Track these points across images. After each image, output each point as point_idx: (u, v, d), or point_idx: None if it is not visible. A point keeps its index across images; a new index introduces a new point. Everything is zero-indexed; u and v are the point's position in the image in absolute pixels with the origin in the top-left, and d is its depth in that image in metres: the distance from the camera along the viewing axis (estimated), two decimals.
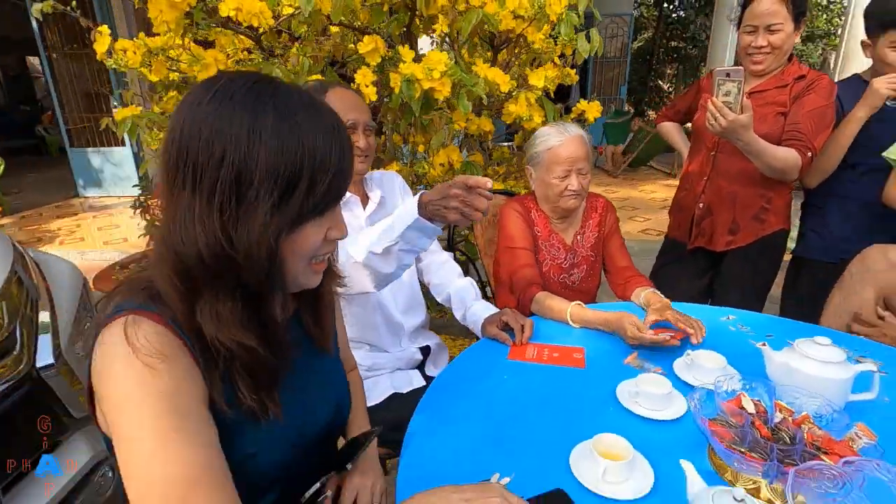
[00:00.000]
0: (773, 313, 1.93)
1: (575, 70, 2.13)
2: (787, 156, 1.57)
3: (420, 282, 1.54)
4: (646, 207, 5.68)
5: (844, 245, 1.71)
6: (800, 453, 0.79)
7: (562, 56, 2.05)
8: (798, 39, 1.69)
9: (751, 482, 0.81)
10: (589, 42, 1.77)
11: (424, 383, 1.40)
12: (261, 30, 1.63)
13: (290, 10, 1.55)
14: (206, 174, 0.56)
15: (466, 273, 1.68)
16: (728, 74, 1.44)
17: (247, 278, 0.60)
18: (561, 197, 1.52)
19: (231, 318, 0.60)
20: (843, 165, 1.71)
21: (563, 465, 0.84)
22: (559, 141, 1.49)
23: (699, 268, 1.93)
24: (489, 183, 0.92)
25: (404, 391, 1.37)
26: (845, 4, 3.37)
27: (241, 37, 1.77)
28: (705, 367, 1.09)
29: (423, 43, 2.33)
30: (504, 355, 1.22)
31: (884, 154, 1.59)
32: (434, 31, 1.94)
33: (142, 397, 0.55)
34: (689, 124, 2.04)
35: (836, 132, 1.67)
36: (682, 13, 11.22)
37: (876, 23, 1.61)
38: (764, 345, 1.04)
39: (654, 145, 7.29)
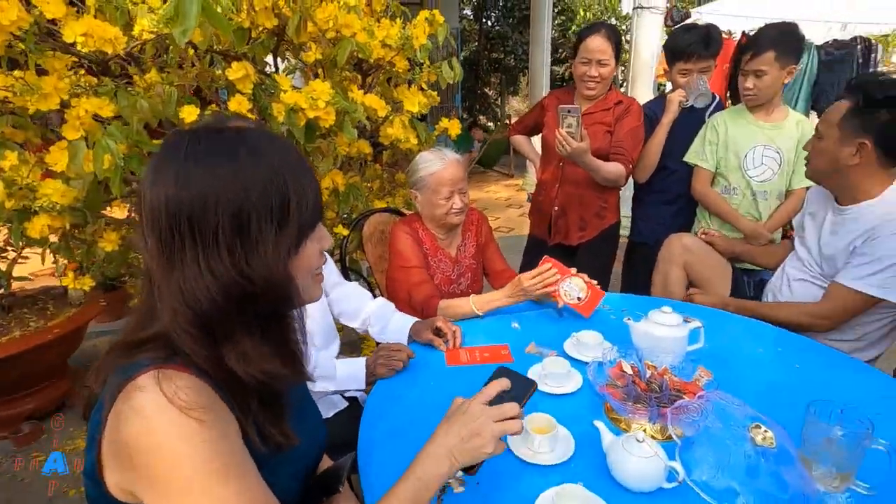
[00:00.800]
0: (616, 289, 2.40)
1: (436, 92, 2.32)
2: (615, 169, 2.02)
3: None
4: (494, 207, 6.27)
5: (662, 230, 2.20)
6: (668, 397, 1.07)
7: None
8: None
9: (640, 427, 1.05)
10: (451, 70, 1.97)
11: (347, 404, 1.45)
12: (109, 54, 1.47)
13: (151, 36, 1.43)
14: (205, 227, 0.59)
15: None
16: (569, 111, 1.80)
17: (265, 308, 0.64)
18: (447, 215, 1.69)
19: (256, 352, 0.63)
20: (658, 167, 2.22)
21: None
22: (441, 165, 1.66)
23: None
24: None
25: (330, 415, 1.40)
26: (628, 38, 4.26)
27: (80, 62, 1.57)
28: (589, 344, 1.35)
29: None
30: (434, 360, 1.35)
31: (685, 158, 2.13)
32: (296, 56, 1.95)
33: (202, 451, 0.56)
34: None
35: (653, 137, 2.18)
36: (499, 28, 12.46)
37: (669, 55, 2.18)
38: (629, 319, 1.33)
39: (495, 150, 8.03)
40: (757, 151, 1.99)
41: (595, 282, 1.54)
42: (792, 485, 0.85)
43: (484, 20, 12.40)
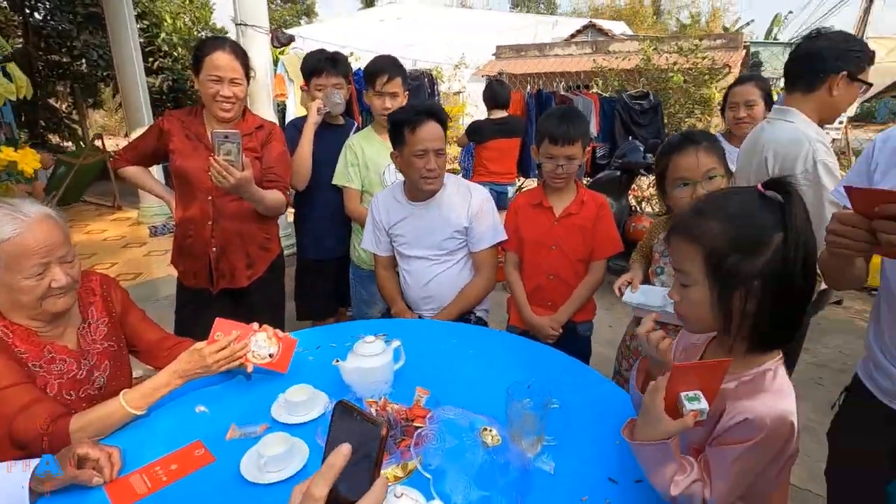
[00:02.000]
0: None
1: None
2: (276, 197, 1.90)
3: None
4: (105, 250, 4.97)
5: (328, 244, 2.34)
6: (401, 430, 1.05)
7: None
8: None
9: (393, 471, 1.00)
10: (12, 81, 1.36)
11: None
12: None
13: None
14: None
15: None
16: (227, 136, 1.55)
17: None
18: (43, 300, 1.16)
19: None
20: (314, 184, 2.26)
21: None
22: (17, 228, 1.11)
23: (226, 307, 1.98)
24: None
25: None
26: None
27: None
28: (302, 402, 1.20)
29: None
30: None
31: (334, 181, 2.24)
32: None
33: None
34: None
35: (301, 144, 2.20)
36: (55, 23, 9.82)
37: (306, 74, 2.30)
38: (337, 361, 1.25)
39: (82, 177, 6.34)
40: (391, 168, 2.25)
41: (279, 331, 1.38)
42: (514, 465, 0.98)
43: (28, 11, 9.53)
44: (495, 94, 3.95)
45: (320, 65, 2.26)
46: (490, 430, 0.97)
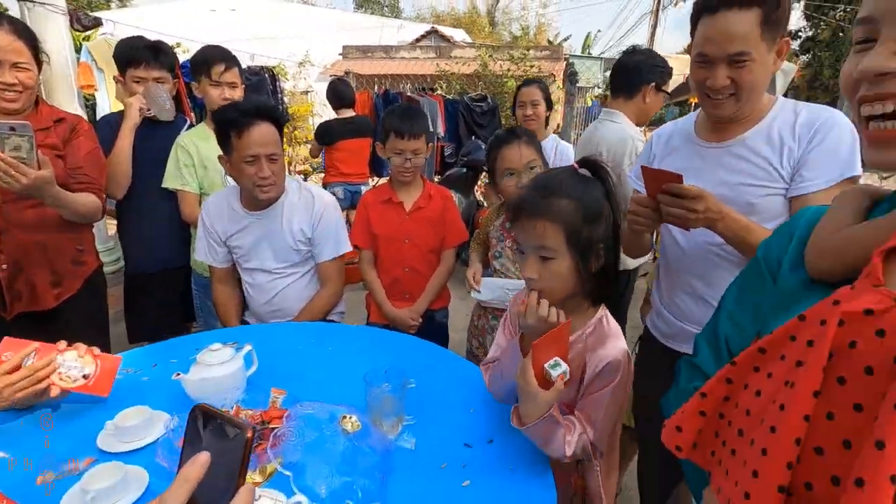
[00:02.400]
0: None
1: None
2: (89, 201, 1.64)
3: None
4: None
5: (161, 255, 2.12)
6: (258, 434, 1.01)
7: None
8: None
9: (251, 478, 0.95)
10: None
11: None
12: None
13: None
14: None
15: None
16: (12, 129, 1.28)
17: None
18: None
19: None
20: (139, 189, 2.02)
21: None
22: None
23: (27, 335, 1.65)
24: None
25: None
26: None
27: None
28: (137, 426, 1.07)
29: None
30: None
31: (164, 184, 2.04)
32: None
33: None
34: None
35: (117, 146, 1.93)
36: None
37: (120, 63, 2.02)
38: (178, 374, 1.14)
39: None
40: None
41: (96, 348, 1.21)
42: (377, 448, 1.01)
43: None
44: (340, 93, 3.93)
45: (138, 53, 1.98)
46: (350, 418, 0.99)
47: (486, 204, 5.28)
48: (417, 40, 17.10)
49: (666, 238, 1.36)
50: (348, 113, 3.98)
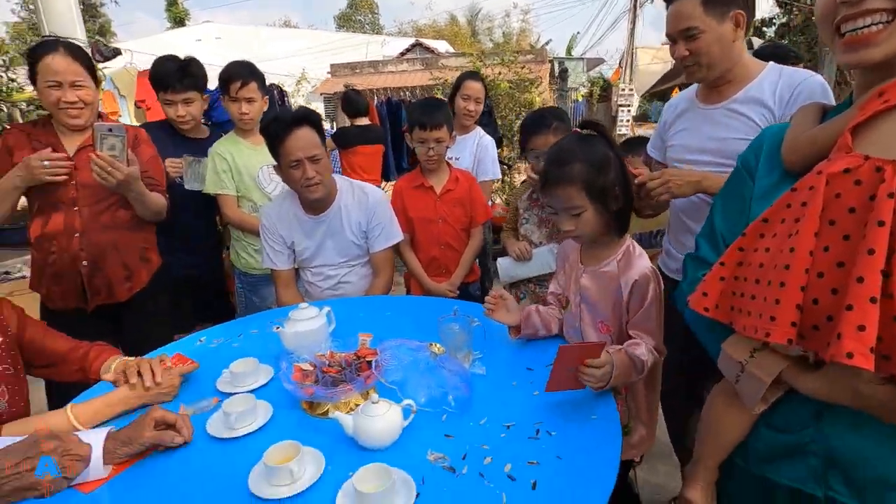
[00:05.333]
0: None
1: None
2: (158, 200, 1.83)
3: None
4: None
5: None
6: (356, 367, 1.20)
7: None
8: None
9: (347, 402, 1.13)
10: None
11: None
12: None
13: None
14: None
15: None
16: (111, 130, 1.47)
17: None
18: None
19: None
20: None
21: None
22: None
23: (104, 325, 1.84)
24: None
25: None
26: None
27: None
28: (248, 372, 1.25)
29: None
30: None
31: (206, 189, 2.20)
32: None
33: None
34: None
35: None
36: None
37: (155, 84, 2.15)
38: (278, 328, 1.33)
39: None
40: (264, 171, 2.28)
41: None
42: (453, 370, 1.19)
43: None
44: (354, 102, 4.14)
45: (166, 79, 2.10)
46: (435, 344, 1.18)
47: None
48: (402, 54, 17.43)
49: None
50: (364, 121, 4.20)
